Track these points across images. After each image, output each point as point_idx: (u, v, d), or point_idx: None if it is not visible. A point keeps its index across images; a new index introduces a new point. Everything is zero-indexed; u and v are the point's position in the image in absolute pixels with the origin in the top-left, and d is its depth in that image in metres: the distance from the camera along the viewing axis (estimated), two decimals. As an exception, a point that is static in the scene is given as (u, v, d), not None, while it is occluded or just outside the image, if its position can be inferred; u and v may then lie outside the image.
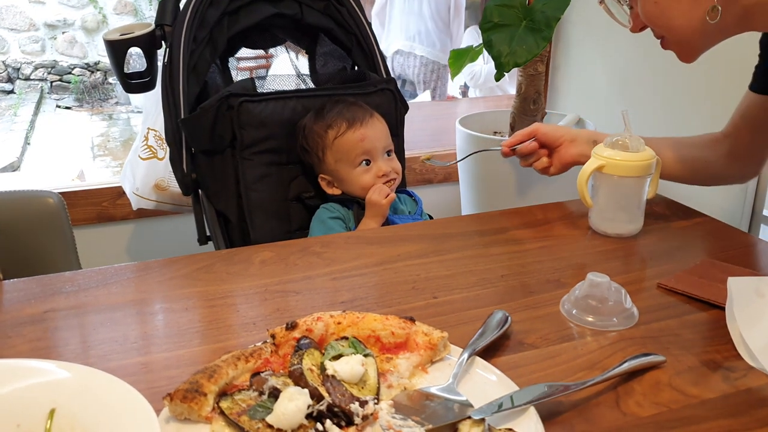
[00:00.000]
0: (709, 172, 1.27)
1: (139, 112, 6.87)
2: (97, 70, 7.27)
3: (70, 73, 7.24)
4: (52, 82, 7.25)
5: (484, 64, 3.81)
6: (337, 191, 1.48)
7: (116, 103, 7.24)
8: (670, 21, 1.02)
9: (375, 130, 1.46)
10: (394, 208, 1.50)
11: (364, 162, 1.43)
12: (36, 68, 7.21)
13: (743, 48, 1.85)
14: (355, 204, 1.47)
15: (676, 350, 0.82)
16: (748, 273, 0.99)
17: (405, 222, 1.45)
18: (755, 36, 1.23)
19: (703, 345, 0.83)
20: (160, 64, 1.61)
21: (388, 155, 1.48)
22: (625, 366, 0.76)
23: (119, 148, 6.23)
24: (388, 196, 1.40)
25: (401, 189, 1.57)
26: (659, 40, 1.08)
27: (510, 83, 3.65)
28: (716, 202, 1.93)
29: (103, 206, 2.16)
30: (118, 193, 2.15)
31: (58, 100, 7.24)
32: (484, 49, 2.23)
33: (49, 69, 7.23)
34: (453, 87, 4.51)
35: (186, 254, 1.11)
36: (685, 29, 1.01)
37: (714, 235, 1.17)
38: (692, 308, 0.92)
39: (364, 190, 1.43)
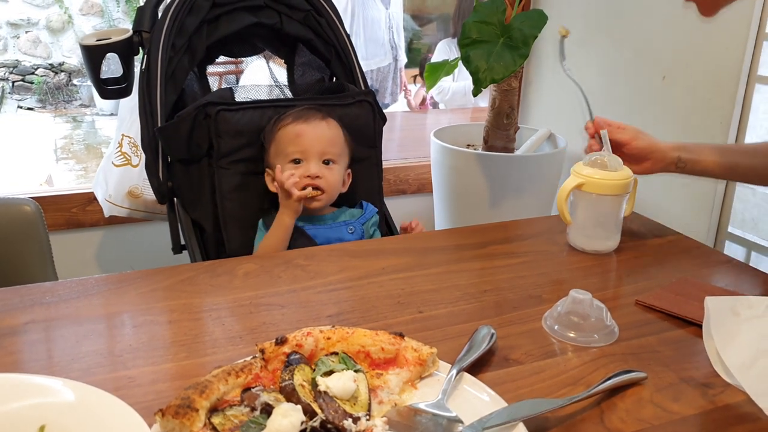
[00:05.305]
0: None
1: (104, 114, 6.76)
2: (62, 71, 7.12)
3: (33, 73, 7.08)
4: (13, 82, 7.08)
5: (453, 81, 3.86)
6: (275, 189, 1.43)
7: (81, 105, 7.10)
8: None
9: (316, 131, 1.40)
10: (323, 218, 1.45)
11: (294, 159, 1.39)
12: (-3, 67, 7.04)
13: (713, 66, 1.91)
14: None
15: (657, 367, 0.84)
16: (722, 290, 1.02)
17: (322, 231, 1.41)
18: (727, 54, 1.23)
19: (681, 362, 0.86)
20: (137, 70, 1.59)
21: (326, 164, 1.40)
22: (609, 383, 0.78)
23: (83, 151, 6.11)
24: (303, 189, 1.34)
25: (352, 204, 1.53)
26: None
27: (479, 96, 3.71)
28: (684, 218, 1.98)
29: (72, 212, 2.13)
30: (88, 199, 2.12)
31: (20, 100, 7.07)
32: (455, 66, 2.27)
33: (11, 69, 7.06)
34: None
35: (158, 262, 1.10)
36: None
37: (688, 252, 1.20)
38: (670, 325, 0.94)
39: (278, 184, 1.37)
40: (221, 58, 1.79)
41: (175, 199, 1.60)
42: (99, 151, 6.01)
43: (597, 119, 1.25)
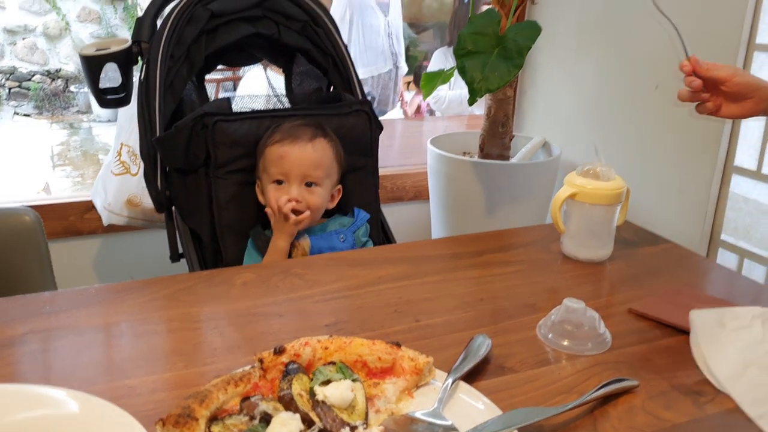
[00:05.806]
0: None
1: (101, 121, 6.76)
2: (58, 77, 7.13)
3: (29, 79, 7.09)
4: (10, 89, 7.09)
5: (449, 90, 3.88)
6: (263, 201, 1.45)
7: (78, 111, 7.11)
8: None
9: (300, 154, 1.40)
10: (312, 230, 1.45)
11: (277, 180, 1.40)
12: (-7, 74, 7.05)
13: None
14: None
15: (648, 375, 0.86)
16: (714, 299, 1.03)
17: (313, 242, 1.41)
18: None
19: (673, 370, 0.87)
20: (135, 80, 1.60)
21: (308, 186, 1.41)
22: (602, 391, 0.80)
23: (80, 158, 6.12)
24: (297, 216, 1.36)
25: (346, 212, 1.55)
26: None
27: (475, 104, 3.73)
28: (677, 226, 2.00)
29: (70, 220, 2.13)
30: (86, 207, 2.13)
31: (16, 107, 7.08)
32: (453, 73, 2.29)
33: (8, 75, 7.07)
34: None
35: (156, 271, 1.10)
36: None
37: (680, 261, 1.21)
38: (662, 333, 0.96)
39: (271, 207, 1.40)
40: (219, 66, 1.80)
41: (173, 208, 1.61)
42: (96, 158, 6.01)
43: (692, 58, 1.13)
